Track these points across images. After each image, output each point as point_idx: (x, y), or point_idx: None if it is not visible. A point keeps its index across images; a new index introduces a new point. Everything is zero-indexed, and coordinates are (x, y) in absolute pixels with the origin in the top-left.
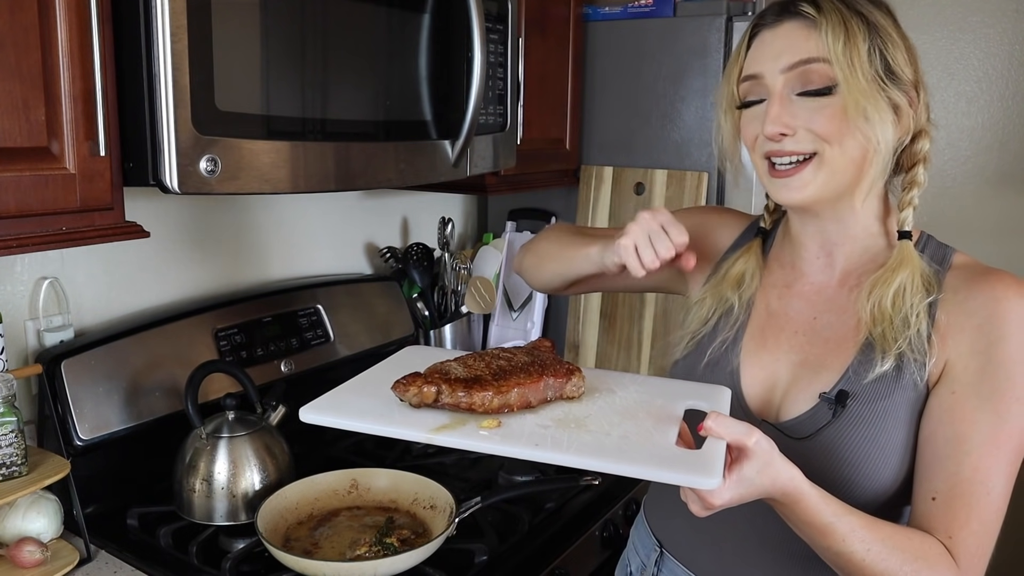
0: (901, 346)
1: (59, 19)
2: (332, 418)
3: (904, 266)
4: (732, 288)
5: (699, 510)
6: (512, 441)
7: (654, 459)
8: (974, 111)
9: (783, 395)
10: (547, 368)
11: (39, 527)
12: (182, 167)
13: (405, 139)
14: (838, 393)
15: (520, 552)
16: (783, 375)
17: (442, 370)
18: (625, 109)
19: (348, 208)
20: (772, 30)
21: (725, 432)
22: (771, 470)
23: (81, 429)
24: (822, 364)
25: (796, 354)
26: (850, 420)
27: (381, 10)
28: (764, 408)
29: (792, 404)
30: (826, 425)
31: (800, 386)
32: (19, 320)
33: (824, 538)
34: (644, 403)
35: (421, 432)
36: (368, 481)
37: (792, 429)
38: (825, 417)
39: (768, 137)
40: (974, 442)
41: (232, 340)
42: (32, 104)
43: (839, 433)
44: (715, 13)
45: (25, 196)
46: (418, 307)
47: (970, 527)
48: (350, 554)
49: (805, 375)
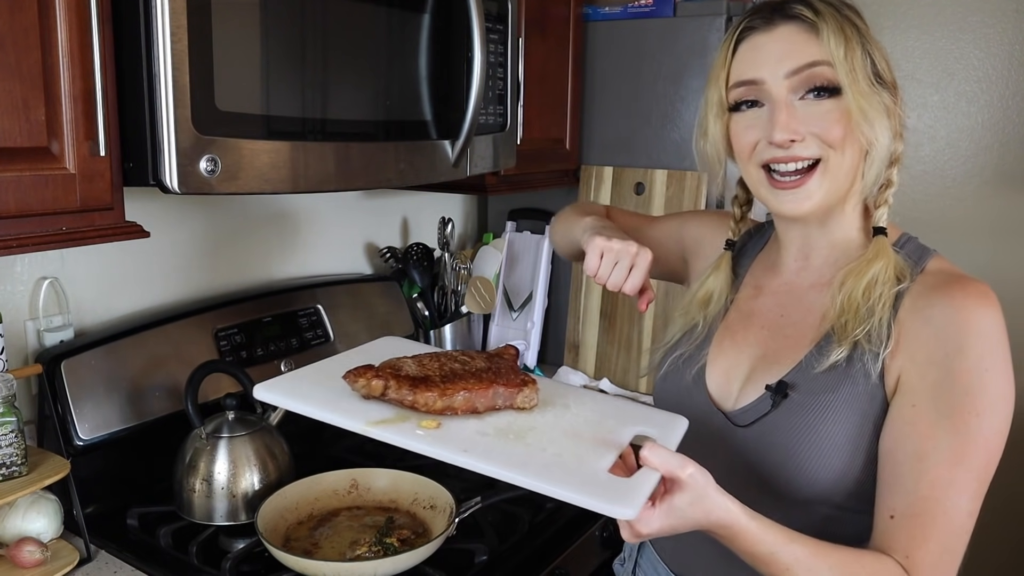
0: (859, 335)
1: (59, 19)
2: (281, 398)
3: (879, 258)
4: (699, 308)
5: (628, 536)
6: (442, 444)
7: (577, 482)
8: (974, 111)
9: (740, 387)
10: (500, 376)
11: (39, 527)
12: (182, 167)
13: (405, 139)
14: (778, 383)
15: (520, 552)
16: (743, 367)
17: (395, 366)
18: (625, 109)
19: (348, 208)
20: (767, 33)
21: (659, 463)
22: (705, 503)
23: (81, 429)
24: (777, 358)
25: (758, 348)
26: (789, 411)
27: (381, 10)
28: (722, 398)
29: (744, 395)
30: (765, 414)
31: (754, 378)
32: (19, 320)
33: (768, 567)
34: (593, 423)
35: (358, 423)
36: (368, 481)
37: (737, 417)
38: (766, 407)
39: (778, 144)
40: (933, 459)
41: (232, 340)
42: (32, 104)
43: (776, 423)
44: (715, 13)
45: (25, 196)
46: (418, 307)
47: (927, 546)
48: (350, 554)
49: (761, 367)
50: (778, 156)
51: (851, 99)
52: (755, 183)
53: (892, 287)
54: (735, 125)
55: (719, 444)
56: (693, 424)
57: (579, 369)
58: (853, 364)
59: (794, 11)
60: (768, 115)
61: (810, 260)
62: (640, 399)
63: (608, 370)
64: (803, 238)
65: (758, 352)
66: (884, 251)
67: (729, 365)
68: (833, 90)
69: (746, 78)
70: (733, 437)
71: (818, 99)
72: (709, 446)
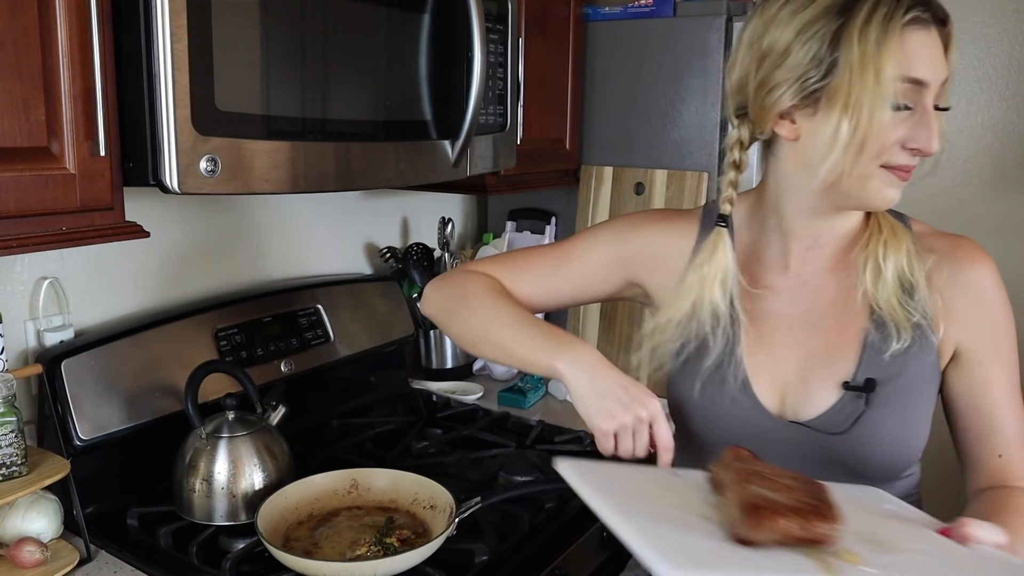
0: (914, 315)
1: (59, 19)
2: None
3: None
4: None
5: None
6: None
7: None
8: (974, 111)
9: (796, 393)
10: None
11: (39, 527)
12: (182, 167)
13: (405, 139)
14: (867, 381)
15: (520, 552)
16: (791, 373)
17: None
18: (625, 109)
19: (348, 208)
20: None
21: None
22: None
23: (81, 429)
24: (832, 354)
25: (800, 350)
26: (883, 403)
27: (381, 10)
28: (780, 410)
29: (811, 400)
30: (863, 414)
31: (813, 380)
32: (19, 320)
33: None
34: None
35: None
36: (368, 481)
37: (825, 425)
38: (858, 407)
39: (928, 154)
40: (1008, 399)
41: (232, 340)
42: (32, 104)
43: (875, 419)
44: (715, 13)
45: (25, 196)
46: (418, 307)
47: None
48: (350, 554)
49: (816, 368)
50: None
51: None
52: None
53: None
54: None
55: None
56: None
57: None
58: (914, 342)
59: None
60: (919, 120)
61: (824, 248)
62: None
63: None
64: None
65: (802, 354)
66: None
67: (773, 374)
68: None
69: (919, 76)
70: (828, 446)
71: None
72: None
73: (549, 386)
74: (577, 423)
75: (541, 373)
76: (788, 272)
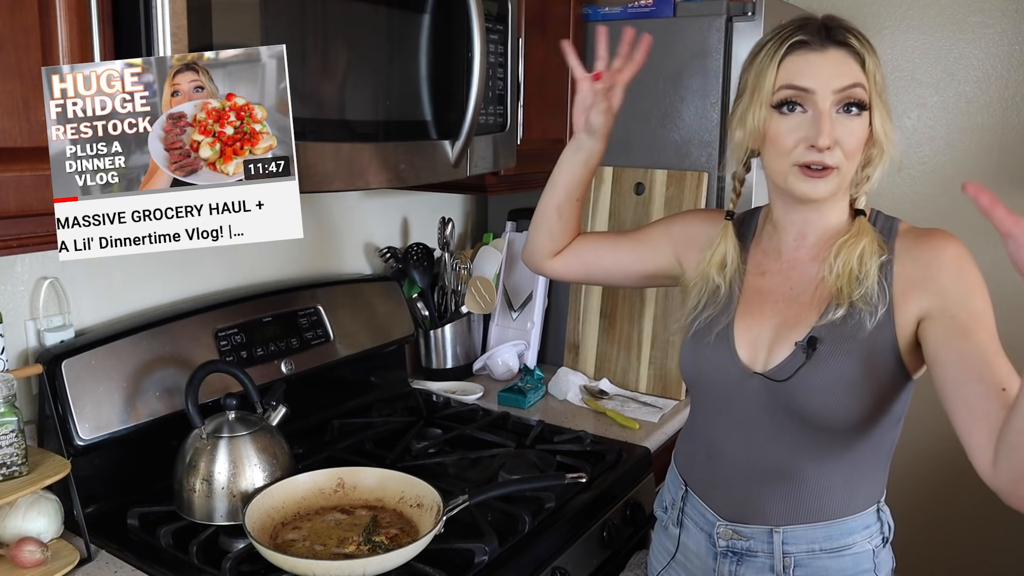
0: (853, 296)
1: (59, 19)
2: None
3: (863, 234)
4: (717, 270)
5: None
6: None
7: None
8: (974, 111)
9: (767, 351)
10: None
11: (39, 527)
12: None
13: (405, 139)
14: (809, 339)
15: (520, 552)
16: (766, 336)
17: None
18: (625, 109)
19: (348, 208)
20: (819, 53)
21: None
22: None
23: (81, 429)
24: (797, 321)
25: (776, 318)
26: (821, 359)
27: (381, 10)
28: (752, 362)
29: (774, 356)
30: (802, 366)
31: (779, 341)
32: (19, 320)
33: None
34: None
35: None
36: (355, 480)
37: (775, 374)
38: (800, 360)
39: (820, 148)
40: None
41: (232, 340)
42: (32, 104)
43: (813, 371)
44: (715, 13)
45: (25, 196)
46: (418, 307)
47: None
48: (339, 552)
49: (783, 332)
50: (813, 159)
51: (875, 116)
52: (784, 173)
53: (878, 258)
54: (779, 124)
55: (759, 399)
56: (725, 388)
57: (579, 369)
58: (852, 317)
59: (845, 39)
60: (812, 121)
61: (807, 239)
62: (640, 399)
63: (608, 370)
64: (803, 221)
65: (777, 320)
66: (866, 229)
67: (753, 336)
68: (862, 106)
69: (799, 84)
70: (775, 392)
71: (849, 114)
72: (750, 402)
73: (549, 386)
74: (577, 423)
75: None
76: (781, 259)
